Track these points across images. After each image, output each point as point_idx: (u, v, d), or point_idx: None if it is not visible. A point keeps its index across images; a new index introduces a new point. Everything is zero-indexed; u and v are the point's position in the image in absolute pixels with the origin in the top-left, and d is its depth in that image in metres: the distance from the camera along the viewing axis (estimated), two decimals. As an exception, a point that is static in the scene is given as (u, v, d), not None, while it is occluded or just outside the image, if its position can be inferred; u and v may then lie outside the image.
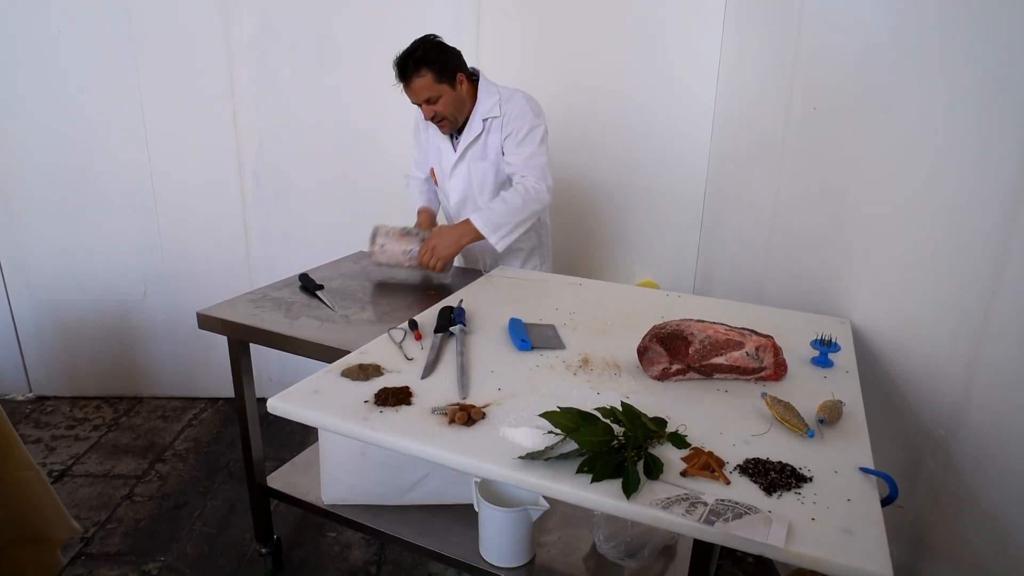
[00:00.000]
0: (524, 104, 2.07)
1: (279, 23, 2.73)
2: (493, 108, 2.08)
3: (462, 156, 2.16)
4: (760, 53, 2.33)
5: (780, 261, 2.16)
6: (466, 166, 2.17)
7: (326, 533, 2.28)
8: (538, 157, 2.05)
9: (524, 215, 2.02)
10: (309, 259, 2.42)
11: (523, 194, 2.01)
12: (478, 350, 1.52)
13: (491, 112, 2.08)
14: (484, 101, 2.09)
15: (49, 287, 3.03)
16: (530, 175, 2.03)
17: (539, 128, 2.06)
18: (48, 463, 2.65)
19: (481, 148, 2.13)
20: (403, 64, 1.96)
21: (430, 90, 1.98)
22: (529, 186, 2.02)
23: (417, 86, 1.97)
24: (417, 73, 1.95)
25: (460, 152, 2.15)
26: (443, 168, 2.23)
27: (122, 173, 2.89)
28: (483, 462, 1.10)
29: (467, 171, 2.17)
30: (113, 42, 2.72)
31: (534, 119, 2.06)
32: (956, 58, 1.38)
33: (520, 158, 2.05)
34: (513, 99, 2.08)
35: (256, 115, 2.84)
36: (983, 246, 1.30)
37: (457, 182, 2.20)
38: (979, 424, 1.32)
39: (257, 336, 1.74)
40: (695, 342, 1.37)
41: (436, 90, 1.98)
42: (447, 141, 2.18)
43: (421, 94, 1.99)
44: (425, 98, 1.99)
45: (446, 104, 2.02)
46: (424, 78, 1.96)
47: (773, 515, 0.96)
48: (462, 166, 2.17)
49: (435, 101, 2.00)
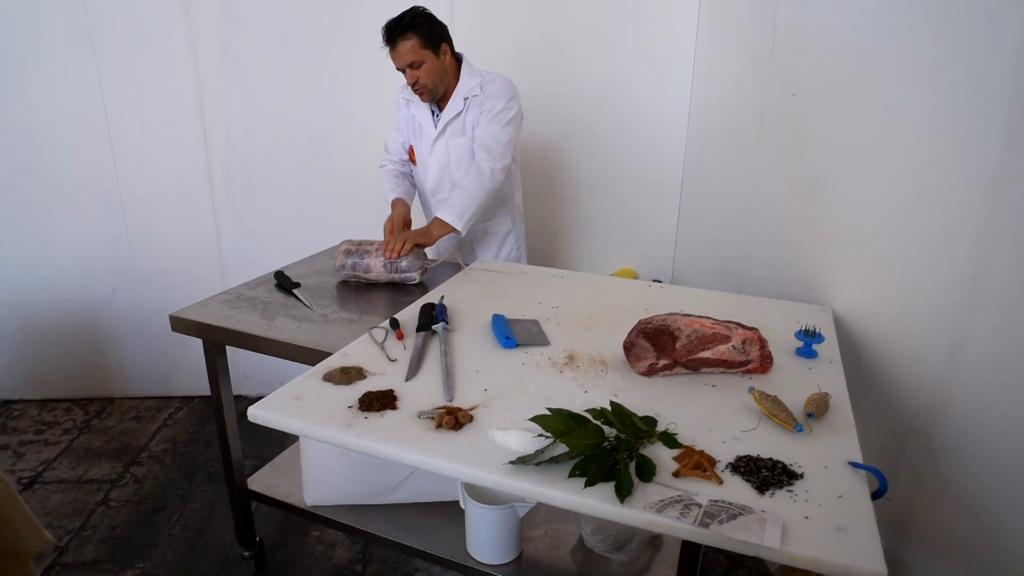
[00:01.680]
0: (503, 85, 2.14)
1: (244, 10, 2.64)
2: (474, 88, 2.15)
3: (442, 132, 2.20)
4: (737, 39, 2.32)
5: (759, 248, 2.17)
6: (445, 142, 2.22)
7: (309, 532, 2.26)
8: (502, 135, 2.12)
9: (482, 195, 2.09)
10: (283, 253, 2.36)
11: (477, 176, 2.08)
12: (462, 349, 1.49)
13: (472, 91, 2.15)
14: (466, 81, 2.16)
15: (11, 288, 2.92)
16: (486, 153, 2.10)
17: (511, 110, 2.13)
18: (16, 470, 2.57)
19: (460, 124, 2.19)
20: (392, 27, 2.01)
21: (414, 54, 2.02)
22: (483, 166, 2.09)
23: (402, 49, 2.01)
24: (403, 36, 2.00)
25: (441, 128, 2.19)
26: (423, 144, 2.27)
27: (85, 168, 2.79)
28: (473, 468, 1.08)
29: (446, 147, 2.22)
30: (69, 30, 2.61)
31: (508, 100, 2.13)
32: (939, 46, 1.38)
33: (486, 134, 2.12)
34: (495, 81, 2.15)
35: (223, 106, 2.75)
36: (965, 235, 1.31)
37: (436, 158, 2.25)
38: (960, 412, 1.34)
39: (233, 338, 1.69)
40: (682, 336, 1.36)
41: (420, 55, 2.03)
42: (428, 118, 2.22)
43: (405, 58, 2.02)
44: (409, 62, 2.03)
45: (428, 71, 2.06)
46: (410, 41, 2.00)
47: (767, 515, 0.95)
48: (441, 142, 2.22)
49: (418, 66, 2.04)
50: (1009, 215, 1.20)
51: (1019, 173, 1.17)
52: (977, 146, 1.27)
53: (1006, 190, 1.20)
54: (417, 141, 2.29)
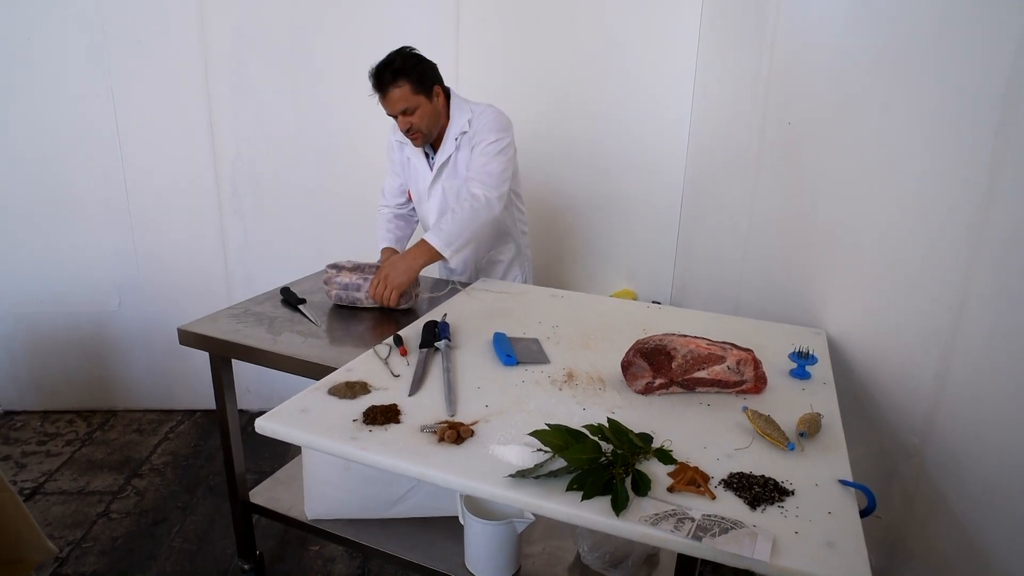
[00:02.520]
0: (491, 118, 2.07)
1: (256, 32, 2.71)
2: (464, 125, 2.09)
3: (437, 175, 2.16)
4: (735, 67, 2.38)
5: (756, 272, 2.21)
6: (441, 185, 2.17)
7: (309, 547, 2.27)
8: (491, 166, 2.03)
9: (476, 225, 1.99)
10: (289, 270, 2.40)
11: (471, 203, 1.99)
12: (464, 365, 1.53)
13: (462, 128, 2.09)
14: (456, 119, 2.10)
15: (18, 300, 2.97)
16: (478, 183, 2.02)
17: (501, 141, 2.06)
18: (19, 480, 2.59)
19: (453, 167, 2.14)
20: (380, 75, 1.95)
21: (407, 101, 1.96)
22: (477, 193, 2.00)
23: (394, 97, 1.95)
24: (395, 84, 1.94)
25: (436, 172, 2.16)
26: (420, 189, 2.23)
27: (96, 183, 2.85)
28: (474, 481, 1.11)
29: (442, 190, 2.18)
30: (85, 49, 2.68)
31: (498, 132, 2.06)
32: (928, 77, 1.43)
33: (476, 166, 2.05)
34: (484, 114, 2.08)
35: (233, 124, 2.82)
36: (952, 261, 1.35)
37: (434, 202, 2.20)
38: (949, 432, 1.37)
39: (240, 352, 1.73)
40: (678, 357, 1.39)
41: (413, 101, 1.97)
42: (423, 161, 2.18)
43: (398, 105, 1.97)
44: (402, 109, 1.98)
45: (422, 116, 2.01)
46: (402, 89, 1.94)
47: (758, 530, 0.98)
48: (437, 186, 2.18)
49: (411, 113, 1.99)
50: (992, 243, 1.24)
51: (1002, 203, 1.22)
52: (963, 175, 1.32)
53: (990, 219, 1.25)
54: (414, 185, 2.25)
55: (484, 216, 2.00)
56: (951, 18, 1.37)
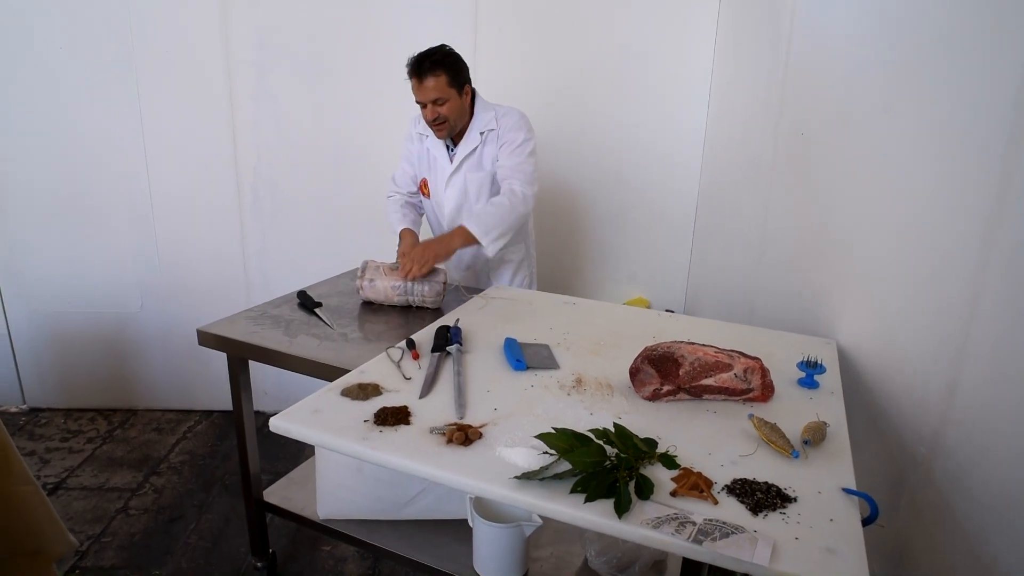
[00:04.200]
0: (519, 119, 2.21)
1: (278, 42, 2.78)
2: (490, 122, 2.21)
3: (459, 167, 2.26)
4: (750, 77, 2.40)
5: (770, 281, 2.22)
6: (462, 176, 2.27)
7: (320, 547, 2.31)
8: (527, 165, 2.18)
9: (513, 218, 2.12)
10: (306, 274, 2.45)
11: (510, 198, 2.12)
12: (474, 369, 1.56)
13: (488, 125, 2.21)
14: (481, 116, 2.22)
15: (45, 299, 3.05)
16: (517, 179, 2.15)
17: (530, 142, 2.21)
18: (42, 476, 2.66)
19: (477, 159, 2.24)
20: (421, 62, 2.06)
21: (441, 91, 2.08)
22: (516, 190, 2.13)
23: (429, 85, 2.06)
24: (433, 72, 2.05)
25: (457, 163, 2.25)
26: (438, 179, 2.32)
27: (120, 186, 2.93)
28: (480, 481, 1.13)
29: (463, 180, 2.27)
30: (114, 57, 2.76)
31: (527, 133, 2.20)
32: (938, 87, 1.44)
33: (511, 164, 2.18)
34: (509, 115, 2.22)
35: (254, 131, 2.88)
36: (962, 271, 1.35)
37: (453, 192, 2.29)
38: (957, 443, 1.37)
39: (257, 354, 1.77)
40: (685, 364, 1.41)
41: (446, 93, 2.09)
42: (444, 153, 2.27)
43: (431, 93, 2.07)
44: (434, 98, 2.08)
45: (451, 108, 2.12)
46: (439, 79, 2.06)
47: (759, 534, 1.00)
48: (458, 176, 2.27)
49: (442, 104, 2.10)
50: (1002, 253, 1.24)
51: (1012, 213, 1.22)
52: (973, 185, 1.32)
53: (999, 231, 1.25)
54: (432, 176, 2.33)
55: (521, 211, 2.14)
56: (961, 29, 1.38)
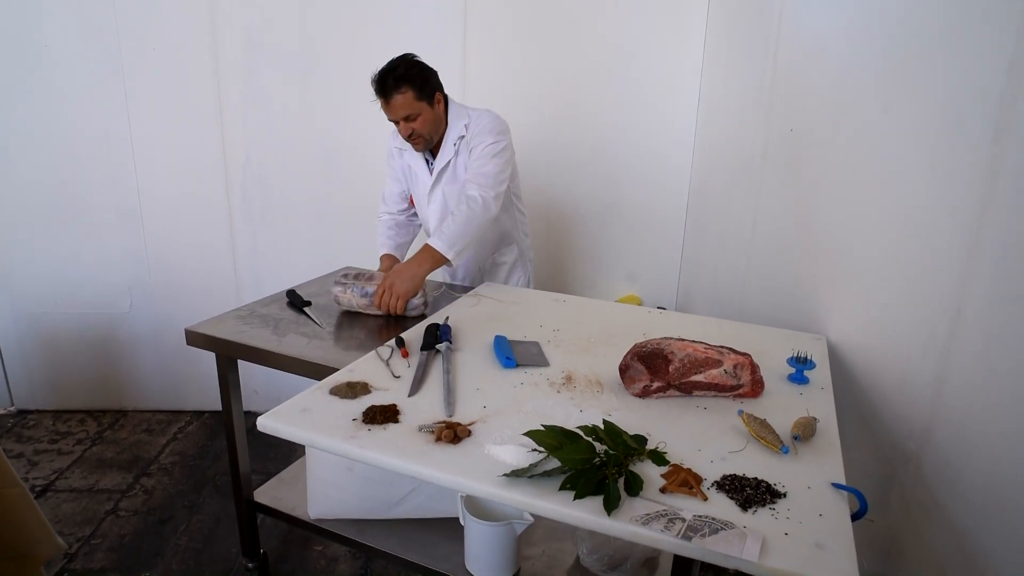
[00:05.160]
0: (487, 121, 2.10)
1: (267, 40, 2.76)
2: (461, 130, 2.12)
3: (437, 180, 2.20)
4: (739, 77, 2.40)
5: (759, 278, 2.22)
6: (441, 190, 2.20)
7: (312, 547, 2.30)
8: (488, 167, 2.06)
9: (474, 226, 2.01)
10: (296, 274, 2.44)
11: (469, 205, 2.01)
12: (464, 367, 1.55)
13: (460, 133, 2.12)
14: (454, 124, 2.13)
15: (33, 300, 3.02)
16: (474, 185, 2.04)
17: (498, 143, 2.08)
18: (31, 478, 2.64)
19: (452, 171, 2.17)
20: (383, 81, 1.97)
21: (410, 107, 2.00)
22: (473, 195, 2.02)
23: (397, 103, 1.98)
24: (397, 90, 1.97)
25: (435, 176, 2.19)
26: (419, 192, 2.26)
27: (109, 186, 2.90)
28: (469, 480, 1.13)
29: (442, 195, 2.21)
30: (101, 56, 2.74)
31: (494, 135, 2.08)
32: (927, 84, 1.44)
33: (473, 168, 2.08)
34: (480, 118, 2.12)
35: (244, 130, 2.86)
36: (950, 268, 1.35)
37: (435, 207, 2.23)
38: (946, 438, 1.37)
39: (245, 353, 1.76)
40: (675, 360, 1.41)
41: (416, 108, 2.00)
42: (423, 167, 2.21)
43: (400, 111, 2.00)
44: (404, 115, 2.01)
45: (424, 122, 2.04)
46: (405, 95, 1.98)
47: (748, 530, 0.99)
48: (437, 190, 2.21)
49: (414, 119, 2.02)
50: (989, 252, 1.25)
51: (999, 210, 1.23)
52: (961, 183, 1.33)
53: (987, 227, 1.25)
54: (415, 190, 2.28)
55: (481, 217, 2.02)
56: (949, 28, 1.38)
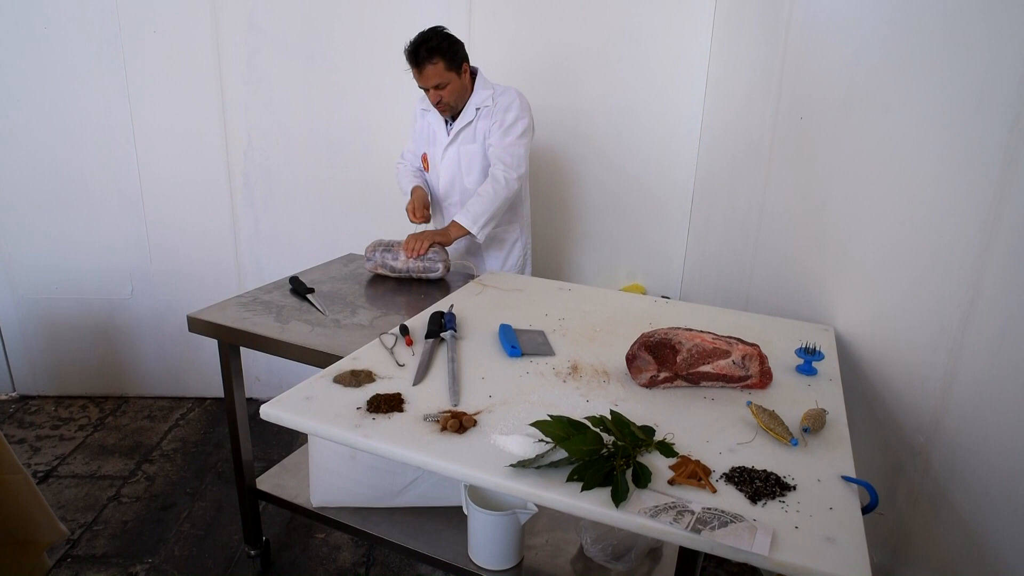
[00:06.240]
0: (514, 98, 2.23)
1: (269, 23, 2.72)
2: (486, 99, 2.25)
3: (454, 139, 2.30)
4: (748, 62, 2.36)
5: (766, 267, 2.20)
6: (456, 149, 2.31)
7: (314, 534, 2.29)
8: (516, 147, 2.21)
9: (497, 204, 2.19)
10: (298, 260, 2.42)
11: (494, 185, 2.18)
12: (469, 356, 1.53)
13: (484, 102, 2.25)
14: (479, 92, 2.26)
15: (34, 286, 3.01)
16: (501, 164, 2.20)
17: (523, 121, 2.22)
18: (33, 464, 2.63)
19: (471, 132, 2.28)
20: (416, 51, 2.09)
21: (440, 77, 2.12)
22: (498, 175, 2.19)
23: (429, 72, 2.10)
24: (430, 60, 2.08)
25: (452, 136, 2.29)
26: (435, 151, 2.37)
27: (110, 171, 2.88)
28: (475, 470, 1.11)
29: (457, 153, 2.32)
30: (101, 39, 2.70)
31: (520, 112, 2.22)
32: (941, 72, 1.41)
33: (500, 144, 2.22)
34: (506, 93, 2.25)
35: (245, 115, 2.83)
36: (962, 259, 1.33)
37: (447, 164, 2.34)
38: (955, 432, 1.36)
39: (248, 340, 1.74)
40: (683, 350, 1.39)
41: (446, 77, 2.13)
42: (442, 126, 2.32)
43: (432, 80, 2.12)
44: (435, 84, 2.13)
45: (452, 91, 2.17)
46: (436, 66, 2.09)
47: (758, 523, 0.98)
48: (453, 148, 2.32)
49: (443, 87, 2.14)
50: (1003, 242, 1.23)
51: (1014, 201, 1.20)
52: (974, 173, 1.30)
53: (1001, 217, 1.23)
54: (430, 148, 2.39)
55: (504, 195, 2.19)
56: (964, 17, 1.35)
